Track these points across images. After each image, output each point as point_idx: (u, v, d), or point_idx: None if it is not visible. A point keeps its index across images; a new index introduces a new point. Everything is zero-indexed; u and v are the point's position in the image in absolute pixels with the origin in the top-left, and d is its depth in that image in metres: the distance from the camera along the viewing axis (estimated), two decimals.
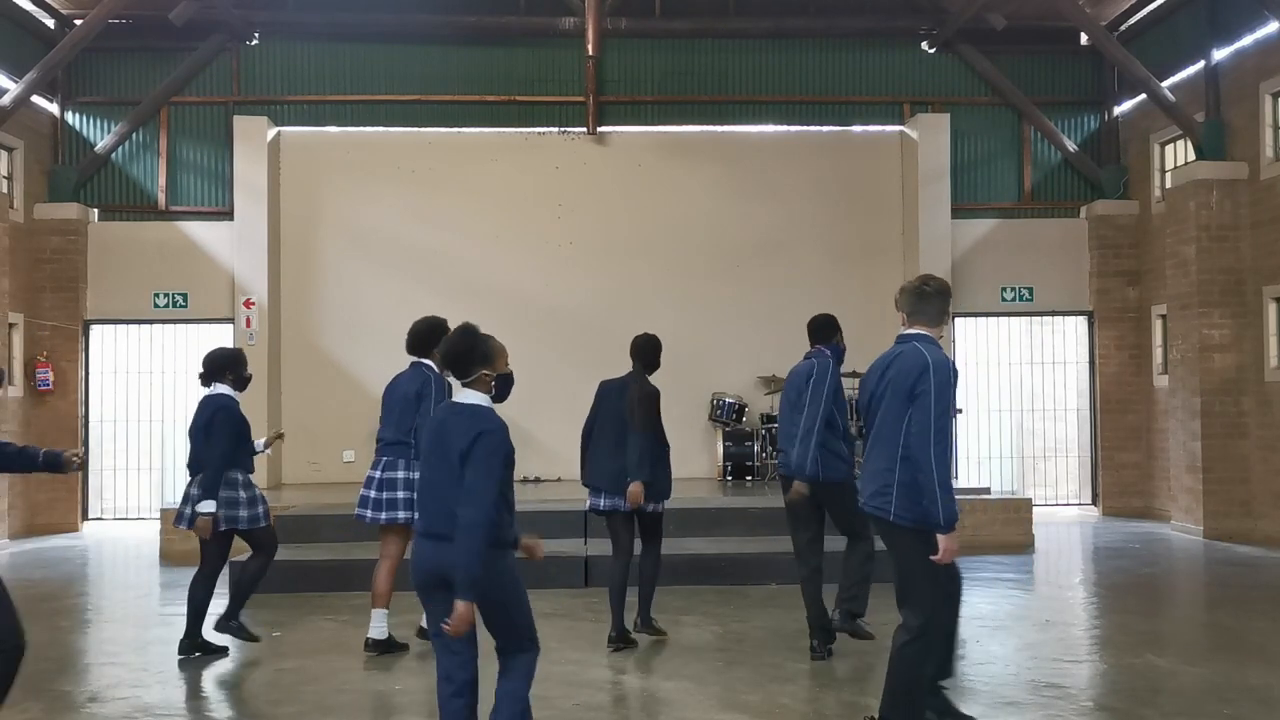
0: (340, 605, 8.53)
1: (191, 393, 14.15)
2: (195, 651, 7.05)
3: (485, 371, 4.50)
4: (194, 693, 6.35)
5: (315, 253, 14.21)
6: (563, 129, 14.44)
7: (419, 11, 14.13)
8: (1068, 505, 14.72)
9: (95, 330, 14.13)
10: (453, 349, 4.57)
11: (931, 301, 5.05)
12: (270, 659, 7.01)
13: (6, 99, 12.45)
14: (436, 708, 4.52)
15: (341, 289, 14.11)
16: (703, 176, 14.45)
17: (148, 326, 14.14)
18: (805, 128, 14.71)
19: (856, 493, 5.38)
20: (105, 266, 14.02)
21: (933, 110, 14.54)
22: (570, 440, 8.24)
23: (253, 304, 13.70)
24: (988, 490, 13.01)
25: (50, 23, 13.87)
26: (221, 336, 13.89)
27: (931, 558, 4.77)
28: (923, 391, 4.74)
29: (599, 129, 14.38)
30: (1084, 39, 14.58)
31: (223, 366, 7.21)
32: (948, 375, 4.76)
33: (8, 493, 12.40)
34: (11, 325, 13.00)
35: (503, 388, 4.57)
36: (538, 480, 13.62)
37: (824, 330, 7.26)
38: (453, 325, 4.84)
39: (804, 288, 14.24)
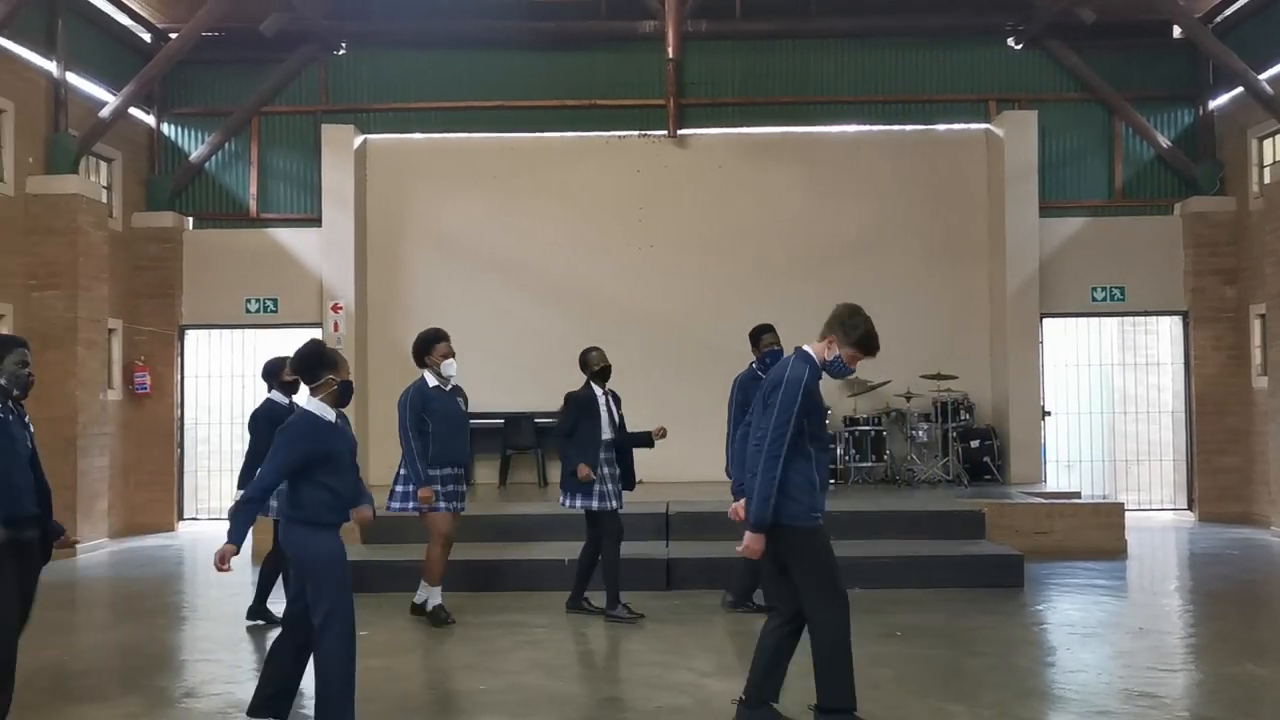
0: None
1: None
2: None
3: (330, 376, 5.26)
4: None
5: (401, 257, 14.44)
6: (643, 132, 14.47)
7: (501, 18, 14.29)
8: (1162, 510, 14.32)
9: (190, 335, 14.53)
10: (302, 357, 5.37)
11: (828, 324, 5.33)
12: (358, 657, 7.12)
13: (105, 111, 12.88)
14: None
15: (426, 292, 14.30)
16: (785, 178, 14.37)
17: (240, 331, 14.49)
18: (888, 127, 14.54)
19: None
20: (199, 273, 14.41)
21: (1019, 107, 14.26)
22: None
23: (340, 308, 13.97)
24: (1078, 494, 12.73)
25: (147, 37, 14.31)
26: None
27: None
28: (772, 403, 5.10)
29: (679, 131, 14.38)
30: (1177, 32, 14.17)
31: (266, 376, 8.14)
32: (797, 392, 5.06)
33: (107, 493, 12.82)
34: (111, 331, 13.44)
35: (344, 392, 5.33)
36: None
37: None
38: (536, 331, 5.41)
39: (888, 288, 14.07)
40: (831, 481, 13.27)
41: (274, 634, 7.04)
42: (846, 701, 5.14)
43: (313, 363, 5.35)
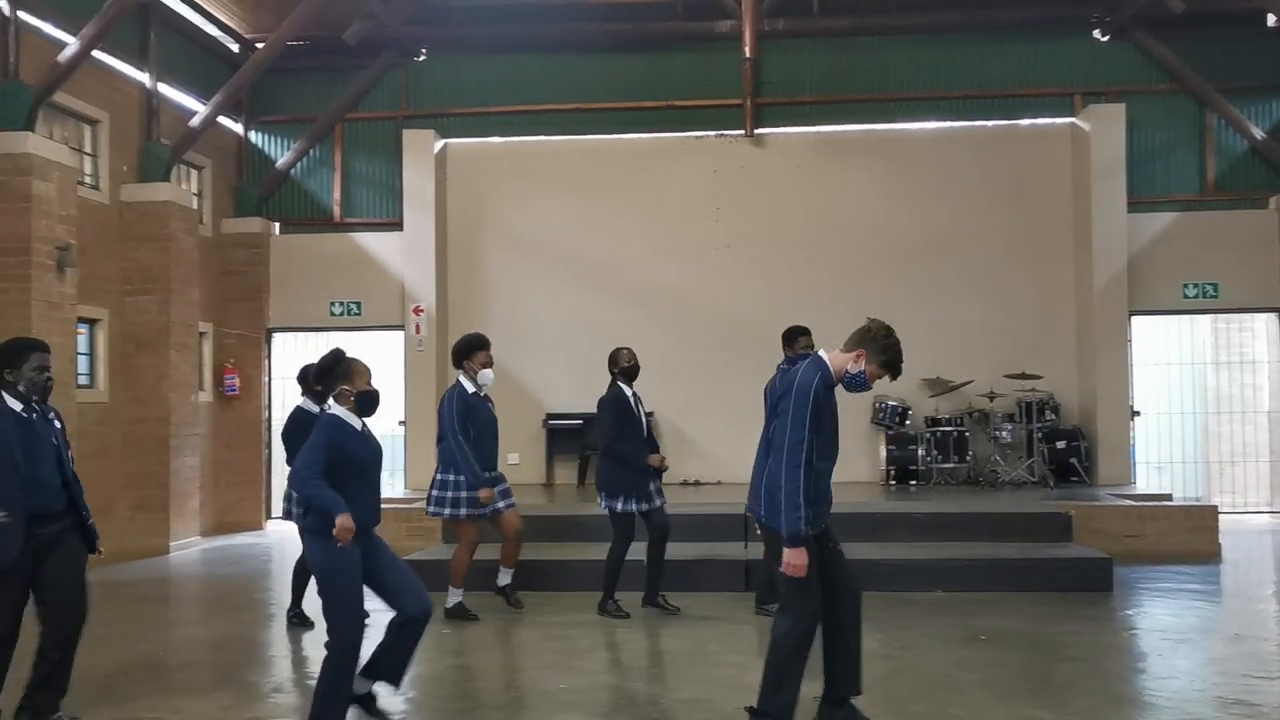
0: (506, 604, 8.71)
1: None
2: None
3: (345, 387, 5.28)
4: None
5: (480, 260, 14.59)
6: (720, 132, 14.43)
7: (578, 21, 14.38)
8: (1258, 513, 13.88)
9: (277, 338, 14.86)
10: (319, 367, 5.47)
11: (859, 337, 5.07)
12: (440, 655, 7.22)
13: (195, 120, 13.23)
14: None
15: (506, 295, 14.43)
16: (864, 176, 14.23)
17: (325, 334, 14.76)
18: (970, 123, 14.32)
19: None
20: (286, 277, 14.74)
21: (1106, 100, 13.94)
22: (729, 443, 8.28)
23: (422, 311, 14.16)
24: (1169, 497, 12.41)
25: (234, 47, 14.67)
26: (393, 343, 14.43)
27: (779, 569, 4.99)
28: (784, 410, 4.96)
29: (757, 131, 14.32)
30: (1271, 20, 13.73)
31: (298, 381, 8.18)
32: (808, 397, 4.92)
33: (198, 492, 13.16)
34: (202, 334, 13.81)
35: (363, 403, 5.30)
36: (697, 483, 13.63)
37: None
38: (614, 332, 5.24)
39: (970, 287, 13.89)
40: (913, 482, 13.12)
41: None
42: (783, 714, 5.04)
43: (324, 373, 5.38)
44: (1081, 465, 13.05)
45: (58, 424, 5.60)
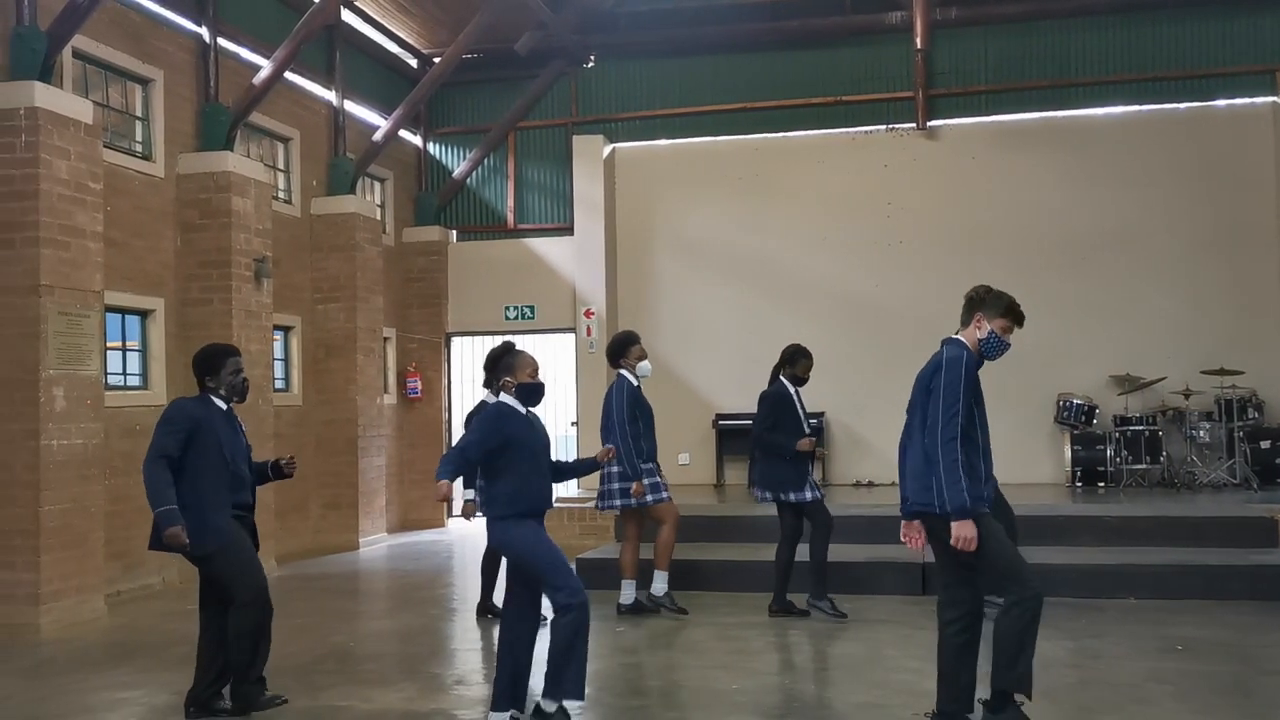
0: (681, 602, 8.75)
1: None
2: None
3: (506, 379, 5.53)
4: None
5: (649, 262, 14.71)
6: (890, 126, 14.14)
7: (744, 21, 14.35)
8: None
9: (455, 342, 15.36)
10: (489, 356, 6.03)
11: (967, 308, 5.32)
12: (613, 653, 7.31)
13: (378, 135, 13.80)
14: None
15: (674, 296, 14.51)
16: (1043, 165, 13.70)
17: (500, 338, 15.08)
18: (1159, 106, 13.59)
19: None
20: (463, 283, 15.21)
21: None
22: None
23: (593, 314, 14.38)
24: None
25: (413, 62, 15.24)
26: (565, 346, 14.71)
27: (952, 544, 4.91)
28: (935, 387, 5.01)
29: (928, 124, 13.97)
30: None
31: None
32: (959, 372, 4.99)
33: (384, 491, 13.72)
34: (386, 339, 14.39)
35: (523, 394, 5.50)
36: (870, 484, 13.40)
37: None
38: (783, 332, 5.24)
39: (1159, 279, 13.22)
40: (1101, 484, 12.56)
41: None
42: (1021, 686, 4.93)
43: (490, 365, 5.91)
44: None
45: (240, 421, 6.03)
